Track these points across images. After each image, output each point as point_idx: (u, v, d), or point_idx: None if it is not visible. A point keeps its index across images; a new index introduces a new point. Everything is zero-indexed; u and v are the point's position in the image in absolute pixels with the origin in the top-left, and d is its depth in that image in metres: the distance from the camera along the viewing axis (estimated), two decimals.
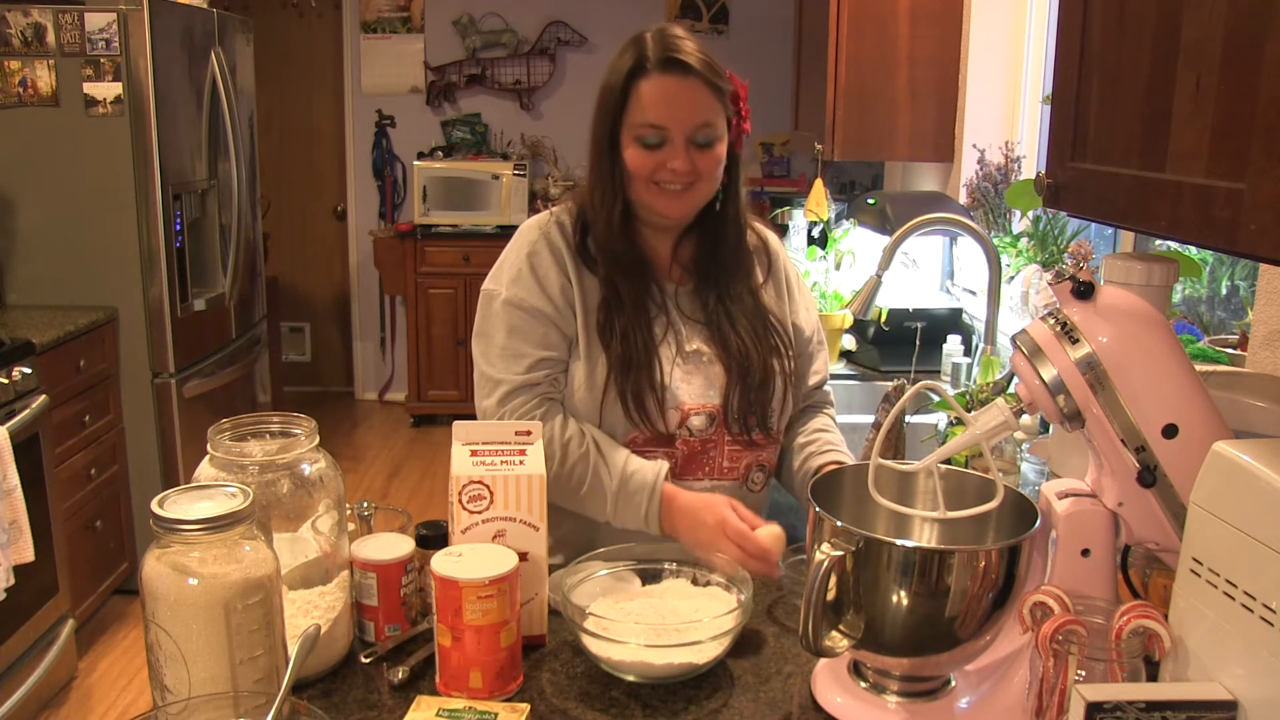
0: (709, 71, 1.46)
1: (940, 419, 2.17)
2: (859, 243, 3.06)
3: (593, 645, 1.18)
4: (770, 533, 1.38)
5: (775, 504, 1.68)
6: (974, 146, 2.99)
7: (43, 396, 2.86)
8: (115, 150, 3.38)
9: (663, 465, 1.48)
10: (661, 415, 1.50)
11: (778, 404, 1.57)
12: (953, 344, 2.47)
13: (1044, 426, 1.95)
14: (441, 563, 1.14)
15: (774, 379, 1.56)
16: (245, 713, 0.97)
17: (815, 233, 3.52)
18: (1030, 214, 2.67)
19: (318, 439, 1.19)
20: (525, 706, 1.12)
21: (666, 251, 1.59)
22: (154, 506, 1.01)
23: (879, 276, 2.27)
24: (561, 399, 1.53)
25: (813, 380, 1.67)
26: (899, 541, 1.06)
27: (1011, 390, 1.19)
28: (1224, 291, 2.03)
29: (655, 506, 1.46)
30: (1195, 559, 0.93)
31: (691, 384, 1.52)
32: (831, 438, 1.63)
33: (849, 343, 2.88)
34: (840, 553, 1.05)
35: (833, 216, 3.49)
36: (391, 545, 1.28)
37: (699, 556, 1.36)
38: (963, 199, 2.99)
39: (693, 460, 1.53)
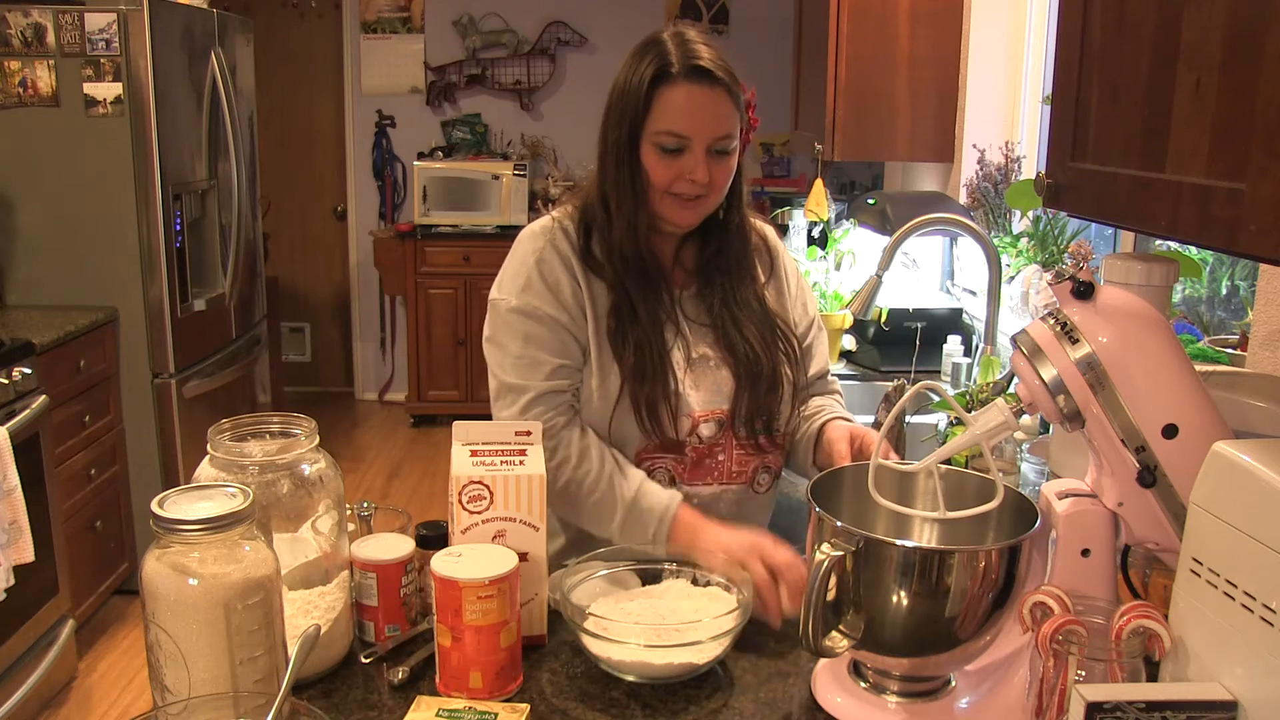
0: (731, 81, 1.45)
1: (940, 419, 2.17)
2: (859, 243, 3.06)
3: (593, 645, 1.18)
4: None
5: (778, 505, 1.68)
6: (974, 146, 2.99)
7: (43, 397, 2.86)
8: (115, 150, 3.38)
9: (676, 495, 1.45)
10: (674, 424, 1.49)
11: (785, 408, 1.57)
12: (953, 344, 2.47)
13: (1044, 426, 1.95)
14: (441, 563, 1.14)
15: (783, 384, 1.55)
16: (245, 713, 0.97)
17: (815, 233, 3.52)
18: (1030, 214, 2.67)
19: (318, 439, 1.19)
20: (525, 707, 1.12)
21: (670, 255, 1.58)
22: (154, 507, 1.01)
23: (879, 276, 2.27)
24: (579, 408, 1.51)
25: (813, 370, 1.67)
26: (899, 541, 1.07)
27: (1011, 390, 1.19)
28: (1224, 291, 2.03)
29: (665, 530, 1.42)
30: (1195, 559, 0.93)
31: (700, 390, 1.52)
32: (834, 407, 1.63)
33: (849, 343, 2.87)
34: (840, 553, 1.05)
35: (833, 216, 3.49)
36: (391, 545, 1.28)
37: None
38: (963, 199, 2.99)
39: (700, 465, 1.53)
